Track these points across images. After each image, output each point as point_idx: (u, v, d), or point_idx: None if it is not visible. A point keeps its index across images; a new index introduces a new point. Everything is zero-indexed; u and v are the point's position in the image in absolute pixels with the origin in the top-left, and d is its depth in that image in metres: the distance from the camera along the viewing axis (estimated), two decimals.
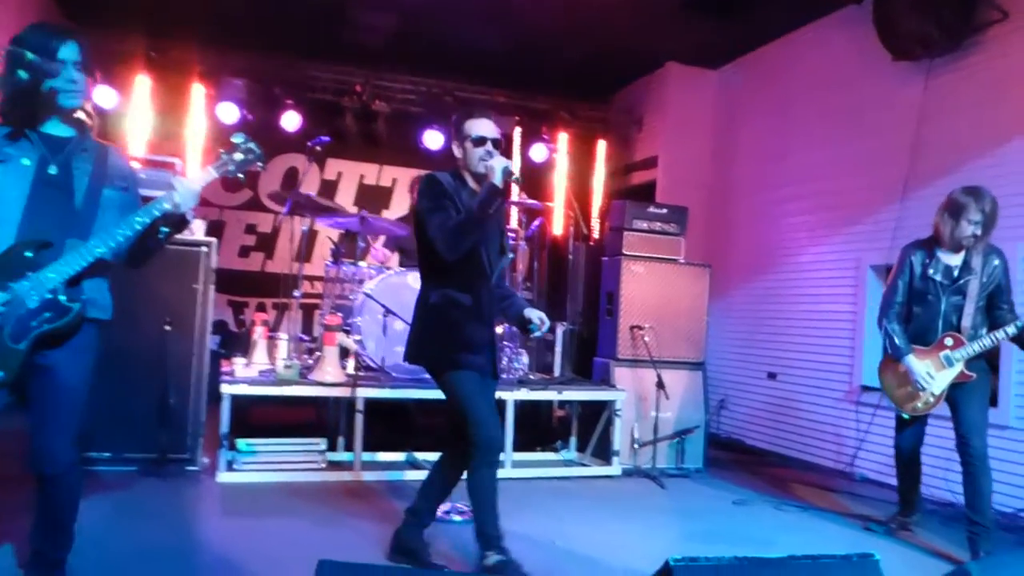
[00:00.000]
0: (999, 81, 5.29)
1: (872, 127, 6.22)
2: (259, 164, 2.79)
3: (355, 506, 4.54)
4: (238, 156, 2.78)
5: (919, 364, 4.13)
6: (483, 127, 3.37)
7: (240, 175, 2.78)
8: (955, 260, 4.18)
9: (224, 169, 2.76)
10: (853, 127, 6.40)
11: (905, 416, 4.27)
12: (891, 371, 4.31)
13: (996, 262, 4.15)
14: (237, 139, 2.78)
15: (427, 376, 5.45)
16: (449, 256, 3.18)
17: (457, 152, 3.40)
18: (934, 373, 4.11)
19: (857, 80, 6.44)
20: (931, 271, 4.18)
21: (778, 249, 7.14)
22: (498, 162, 3.22)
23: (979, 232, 4.06)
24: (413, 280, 5.62)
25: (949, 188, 4.26)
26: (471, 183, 3.36)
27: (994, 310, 4.14)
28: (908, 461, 4.40)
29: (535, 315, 3.42)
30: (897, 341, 4.21)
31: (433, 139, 8.41)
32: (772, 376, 7.02)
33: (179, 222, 2.73)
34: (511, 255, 3.46)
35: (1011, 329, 4.00)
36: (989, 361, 4.23)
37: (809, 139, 6.90)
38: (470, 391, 3.25)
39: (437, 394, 5.24)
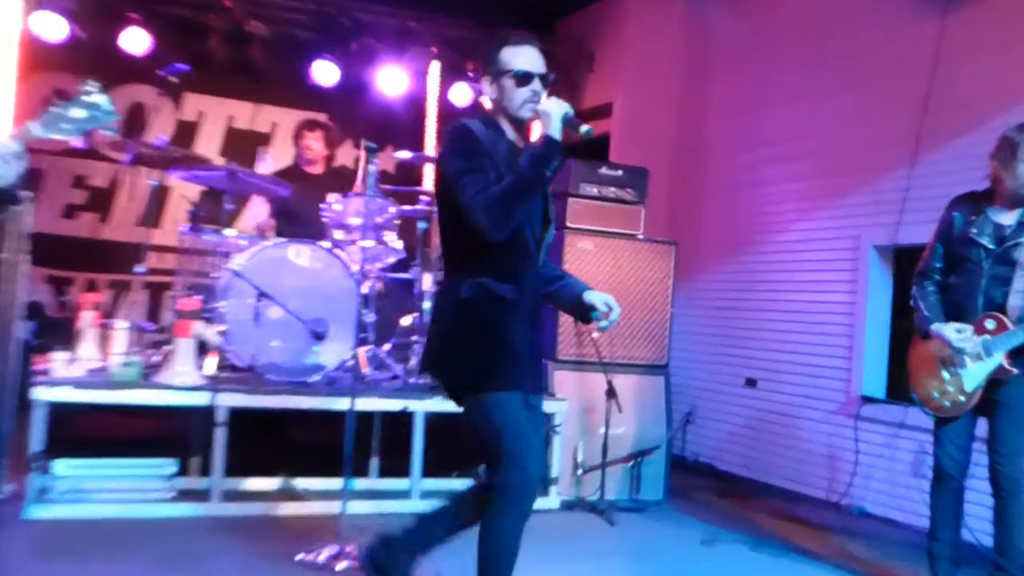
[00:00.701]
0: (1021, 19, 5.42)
1: (876, 73, 6.31)
2: (107, 130, 2.62)
3: (213, 547, 4.42)
4: (77, 113, 2.60)
5: (946, 326, 4.13)
6: (527, 58, 3.22)
7: (77, 135, 2.61)
8: (1008, 219, 4.16)
9: (54, 128, 2.58)
10: (853, 73, 6.49)
11: (929, 415, 4.28)
12: (919, 355, 4.31)
13: None
14: (86, 89, 2.60)
15: (311, 380, 5.45)
16: (495, 233, 3.04)
17: (489, 92, 3.27)
18: (969, 332, 4.11)
19: (858, 14, 6.52)
20: (973, 231, 4.18)
21: (760, 224, 7.21)
22: (555, 106, 3.13)
23: None
24: (295, 254, 5.55)
25: (970, 149, 4.31)
26: (510, 133, 3.25)
27: None
28: (944, 487, 4.25)
29: (599, 299, 3.32)
30: (924, 311, 4.24)
31: (325, 72, 8.29)
32: (751, 383, 7.10)
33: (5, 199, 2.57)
34: (553, 225, 3.36)
35: None
36: None
37: (799, 87, 6.97)
38: (509, 418, 3.13)
39: (323, 403, 5.12)
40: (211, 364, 5.39)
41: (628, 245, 6.25)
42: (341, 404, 5.09)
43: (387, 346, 6.06)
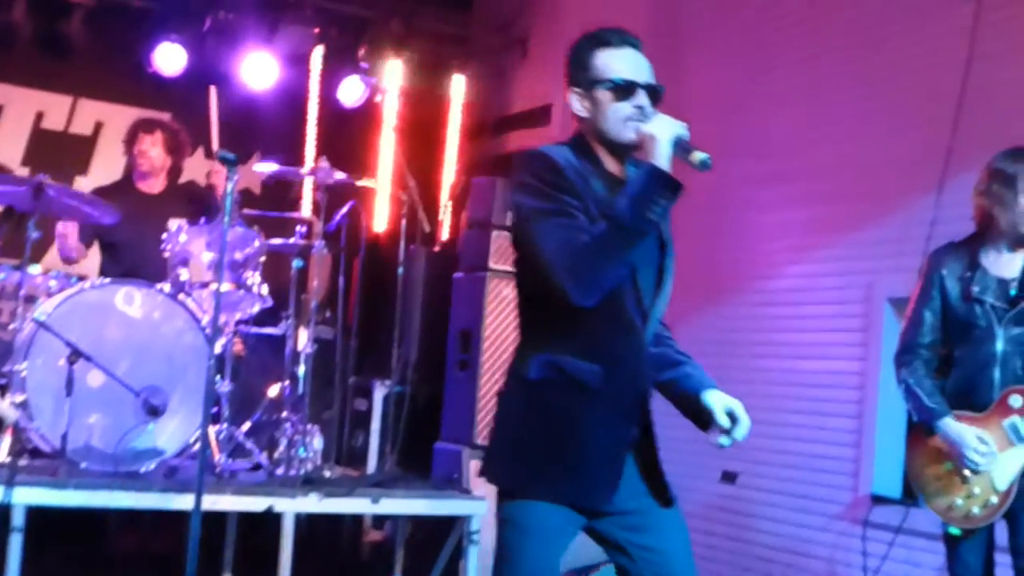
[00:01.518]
0: None
1: (895, 72, 6.42)
2: None
3: None
4: None
5: (965, 429, 4.24)
6: (629, 64, 3.23)
7: None
8: (1011, 268, 4.31)
9: None
10: (866, 71, 6.59)
11: (954, 532, 4.36)
12: (923, 452, 4.41)
13: None
14: None
15: (143, 469, 5.34)
16: (580, 298, 3.02)
17: (579, 107, 3.26)
18: (993, 446, 4.22)
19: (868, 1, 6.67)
20: (975, 289, 4.31)
21: (743, 266, 7.27)
22: (662, 125, 3.09)
23: None
24: (124, 301, 5.47)
25: None
26: (608, 163, 3.24)
27: None
28: None
29: (720, 405, 3.30)
30: (925, 399, 4.34)
31: (169, 57, 8.21)
32: (730, 478, 7.13)
33: None
34: (669, 287, 3.35)
35: None
36: None
37: (795, 89, 7.06)
38: (525, 546, 3.16)
39: (159, 501, 5.03)
40: (3, 447, 5.25)
41: None
42: (183, 502, 4.99)
43: (247, 425, 6.00)
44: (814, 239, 6.82)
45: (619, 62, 3.23)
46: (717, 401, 3.29)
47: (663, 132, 3.06)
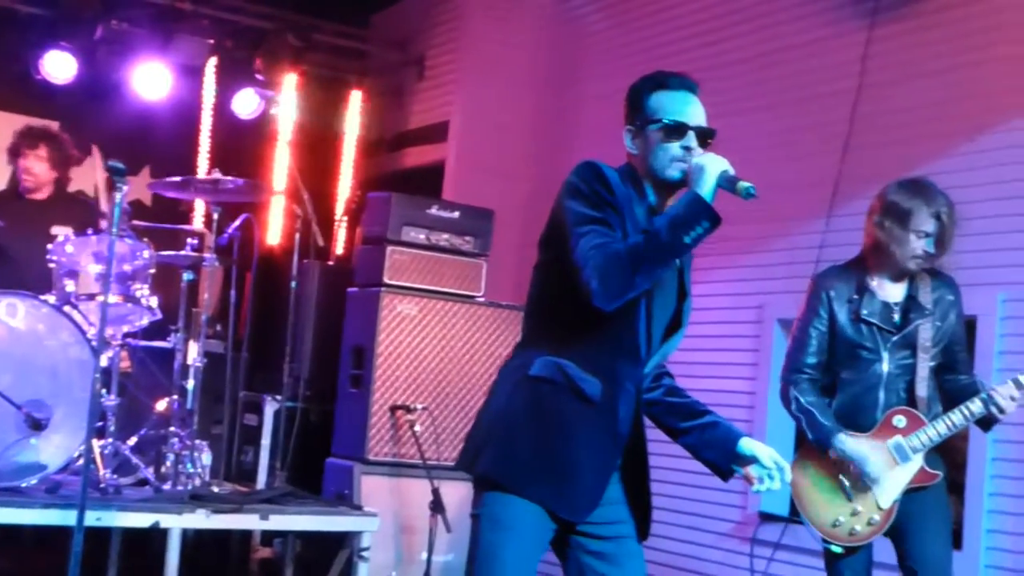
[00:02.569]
0: (973, 34, 5.74)
1: (787, 97, 6.58)
2: None
3: None
4: None
5: (862, 444, 4.37)
6: (685, 107, 3.40)
7: None
8: (895, 294, 4.48)
9: None
10: (761, 89, 6.73)
11: (836, 549, 4.48)
12: (811, 471, 4.52)
13: (950, 298, 4.49)
14: None
15: (24, 484, 5.26)
16: (602, 298, 3.10)
17: (630, 144, 3.45)
18: (883, 467, 4.36)
19: (767, 24, 6.81)
20: (864, 311, 4.45)
21: None
22: (711, 160, 3.22)
23: (931, 249, 4.38)
24: (6, 312, 5.42)
25: None
26: (651, 195, 3.37)
27: (945, 374, 4.49)
28: None
29: (766, 452, 3.37)
30: (819, 416, 4.45)
31: (58, 65, 8.11)
32: None
33: None
34: (683, 332, 3.48)
35: (977, 406, 4.31)
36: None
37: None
38: (505, 544, 3.20)
39: (40, 517, 4.96)
40: None
41: (464, 310, 6.34)
42: (66, 518, 4.94)
43: (133, 440, 5.93)
44: (704, 261, 6.84)
45: (673, 104, 3.39)
46: (760, 449, 3.37)
47: (711, 165, 3.19)
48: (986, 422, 4.37)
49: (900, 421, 4.38)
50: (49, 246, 5.69)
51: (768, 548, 6.26)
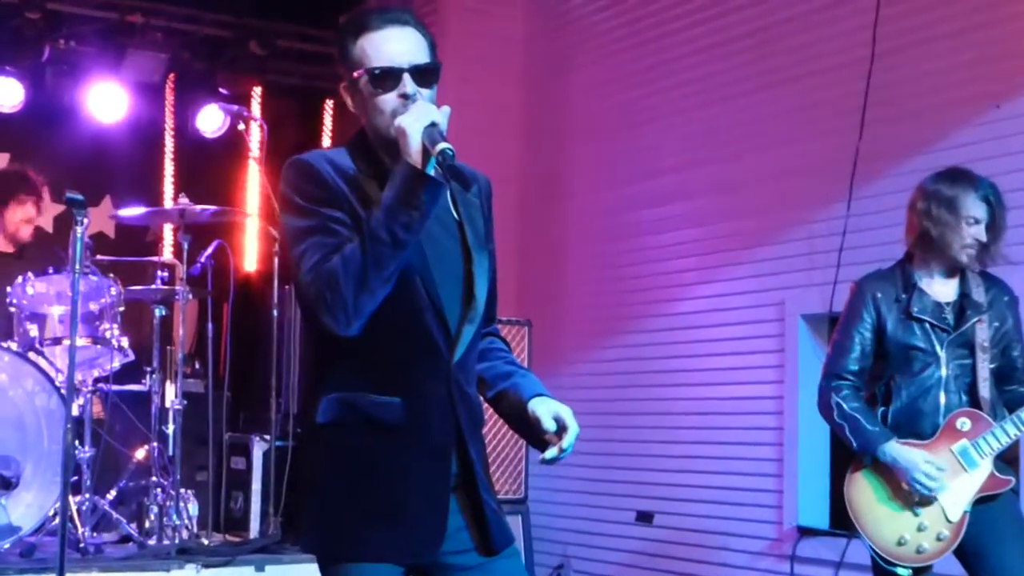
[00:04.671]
0: None
1: (798, 70, 6.49)
2: None
3: None
4: None
5: (912, 451, 4.27)
6: (392, 46, 3.02)
7: None
8: (947, 292, 4.40)
9: None
10: (769, 66, 6.65)
11: (903, 573, 4.35)
12: (863, 484, 4.43)
13: (1006, 298, 4.41)
14: None
15: (2, 553, 5.18)
16: (337, 325, 2.87)
17: (351, 105, 3.09)
18: (946, 472, 4.24)
19: None
20: (915, 308, 4.38)
21: (647, 290, 7.29)
22: (415, 116, 2.86)
23: (983, 237, 4.29)
24: None
25: (918, 175, 4.49)
26: (389, 163, 3.00)
27: (1003, 384, 4.40)
28: None
29: (546, 411, 3.06)
30: (864, 423, 4.36)
31: (5, 92, 8.03)
32: (645, 518, 7.11)
33: None
34: (481, 299, 3.09)
35: None
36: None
37: (691, 92, 7.12)
38: None
39: None
40: None
41: None
42: None
43: (112, 493, 5.93)
44: (719, 258, 6.86)
45: (380, 46, 3.03)
46: (543, 408, 3.07)
47: (413, 123, 2.84)
48: None
49: (964, 424, 4.27)
50: (8, 289, 5.63)
51: (808, 565, 6.17)
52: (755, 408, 6.58)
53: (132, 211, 6.21)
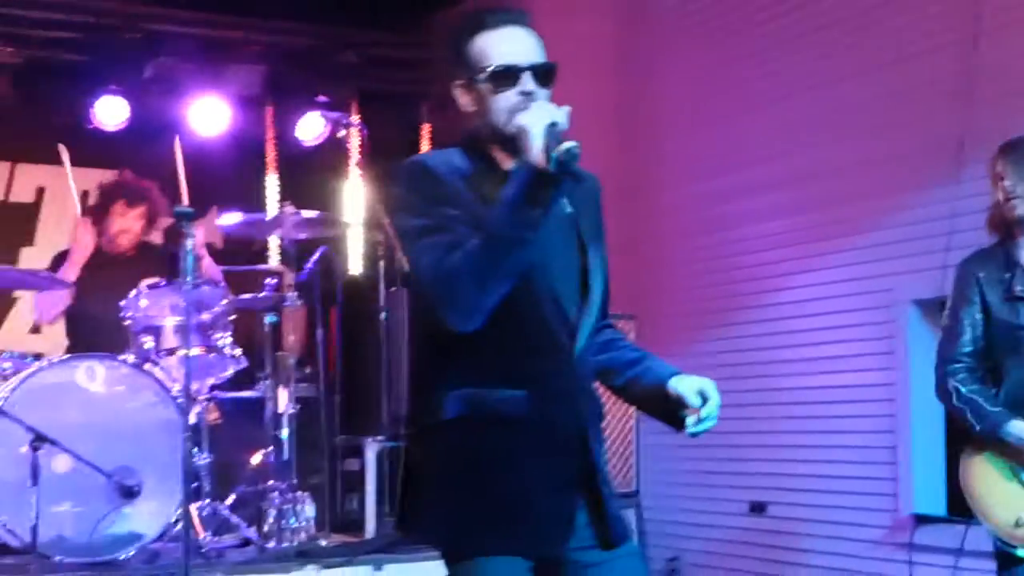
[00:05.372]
0: None
1: (893, 54, 6.45)
2: None
3: None
4: None
5: None
6: (511, 45, 3.08)
7: None
8: None
9: None
10: (865, 49, 6.61)
11: (1021, 553, 4.32)
12: (984, 466, 4.40)
13: None
14: None
15: (121, 556, 5.31)
16: (458, 321, 2.91)
17: (464, 102, 3.14)
18: None
19: None
20: (1019, 287, 4.33)
21: (749, 280, 7.27)
22: (536, 115, 2.90)
23: None
24: (86, 377, 5.47)
25: None
26: (504, 162, 3.07)
27: None
28: None
29: (689, 386, 3.09)
30: (984, 404, 4.33)
31: (111, 111, 8.20)
32: (758, 508, 7.10)
33: None
34: (597, 291, 3.14)
35: None
36: None
37: (782, 81, 7.11)
38: None
39: None
40: None
41: None
42: None
43: (231, 498, 6.00)
44: (820, 246, 6.83)
45: (499, 45, 3.07)
46: (685, 384, 3.09)
47: (535, 122, 2.87)
48: None
49: None
50: (122, 303, 5.75)
51: (926, 553, 6.14)
52: (866, 396, 6.54)
53: (233, 217, 6.36)
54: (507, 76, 3.01)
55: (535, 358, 3.02)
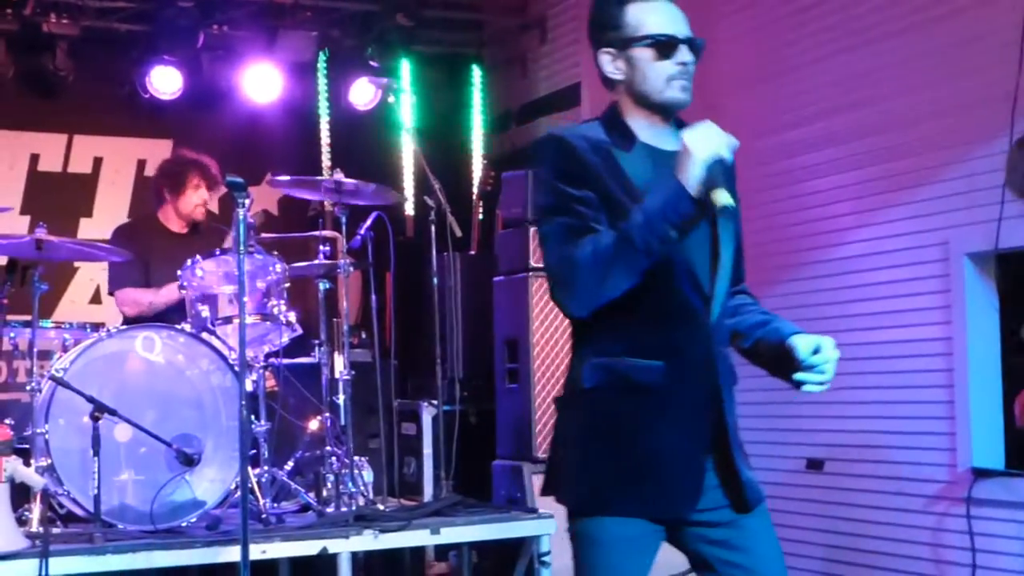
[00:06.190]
0: None
1: (944, 8, 6.37)
2: None
3: None
4: None
5: None
6: (666, 16, 3.19)
7: None
8: None
9: None
10: (908, 14, 6.56)
11: None
12: None
13: None
14: None
15: (183, 523, 5.38)
16: (576, 310, 3.04)
17: (612, 69, 3.22)
18: None
19: None
20: None
21: (804, 236, 7.24)
22: (705, 141, 2.97)
23: None
24: (144, 346, 5.54)
25: None
26: (644, 133, 3.18)
27: None
28: None
29: (804, 343, 3.12)
30: None
31: (165, 80, 8.28)
32: (815, 465, 7.09)
33: None
34: (727, 259, 3.20)
35: None
36: None
37: (835, 36, 7.05)
38: (606, 564, 3.14)
39: (205, 556, 5.07)
40: (35, 516, 5.30)
41: None
42: (230, 554, 5.06)
43: (289, 465, 6.05)
44: (879, 200, 6.79)
45: (655, 16, 3.17)
46: (802, 341, 3.13)
47: (701, 149, 2.96)
48: None
49: None
50: (178, 272, 5.81)
51: (985, 507, 6.12)
52: (921, 350, 6.51)
53: (285, 181, 6.41)
54: (667, 46, 3.14)
55: (672, 329, 3.11)
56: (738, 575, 3.19)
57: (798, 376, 3.11)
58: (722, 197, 2.90)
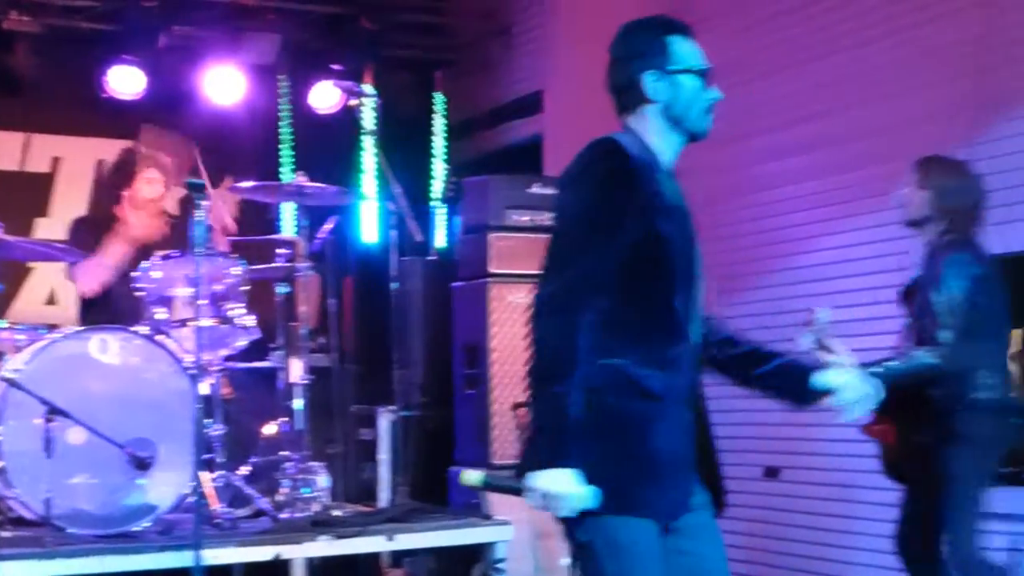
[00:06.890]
0: None
1: (921, 11, 6.43)
2: None
3: None
4: None
5: None
6: (698, 52, 3.49)
7: None
8: None
9: None
10: (888, 15, 6.60)
11: None
12: None
13: None
14: None
15: (136, 528, 5.33)
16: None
17: (652, 91, 3.45)
18: None
19: None
20: None
21: (770, 244, 7.28)
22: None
23: None
24: (99, 349, 5.50)
25: None
26: (662, 154, 3.47)
27: None
28: None
29: (837, 385, 3.55)
30: None
31: (126, 80, 8.25)
32: (772, 473, 7.12)
33: None
34: (699, 277, 3.48)
35: None
36: None
37: (810, 43, 7.10)
38: (637, 565, 3.21)
39: (157, 561, 5.02)
40: None
41: None
42: (183, 559, 5.02)
43: (244, 469, 6.01)
44: (842, 208, 6.84)
45: (694, 51, 3.48)
46: (835, 379, 3.51)
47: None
48: None
49: None
50: (134, 274, 5.77)
51: None
52: (883, 359, 6.55)
53: (246, 185, 6.29)
54: (707, 76, 3.46)
55: (666, 342, 3.28)
56: (684, 561, 3.31)
57: (846, 419, 3.52)
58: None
